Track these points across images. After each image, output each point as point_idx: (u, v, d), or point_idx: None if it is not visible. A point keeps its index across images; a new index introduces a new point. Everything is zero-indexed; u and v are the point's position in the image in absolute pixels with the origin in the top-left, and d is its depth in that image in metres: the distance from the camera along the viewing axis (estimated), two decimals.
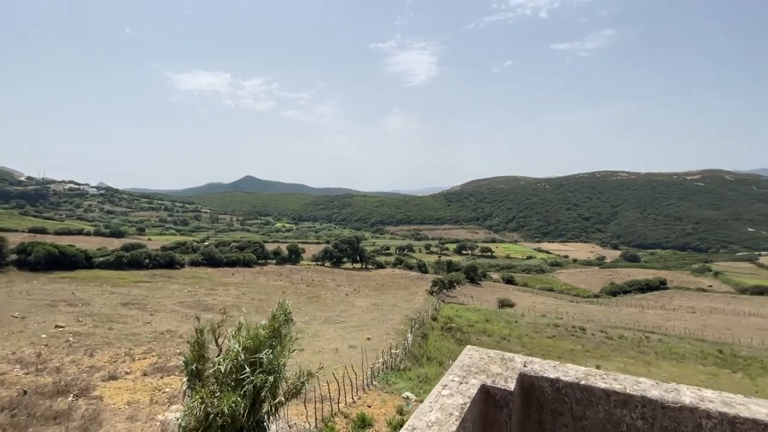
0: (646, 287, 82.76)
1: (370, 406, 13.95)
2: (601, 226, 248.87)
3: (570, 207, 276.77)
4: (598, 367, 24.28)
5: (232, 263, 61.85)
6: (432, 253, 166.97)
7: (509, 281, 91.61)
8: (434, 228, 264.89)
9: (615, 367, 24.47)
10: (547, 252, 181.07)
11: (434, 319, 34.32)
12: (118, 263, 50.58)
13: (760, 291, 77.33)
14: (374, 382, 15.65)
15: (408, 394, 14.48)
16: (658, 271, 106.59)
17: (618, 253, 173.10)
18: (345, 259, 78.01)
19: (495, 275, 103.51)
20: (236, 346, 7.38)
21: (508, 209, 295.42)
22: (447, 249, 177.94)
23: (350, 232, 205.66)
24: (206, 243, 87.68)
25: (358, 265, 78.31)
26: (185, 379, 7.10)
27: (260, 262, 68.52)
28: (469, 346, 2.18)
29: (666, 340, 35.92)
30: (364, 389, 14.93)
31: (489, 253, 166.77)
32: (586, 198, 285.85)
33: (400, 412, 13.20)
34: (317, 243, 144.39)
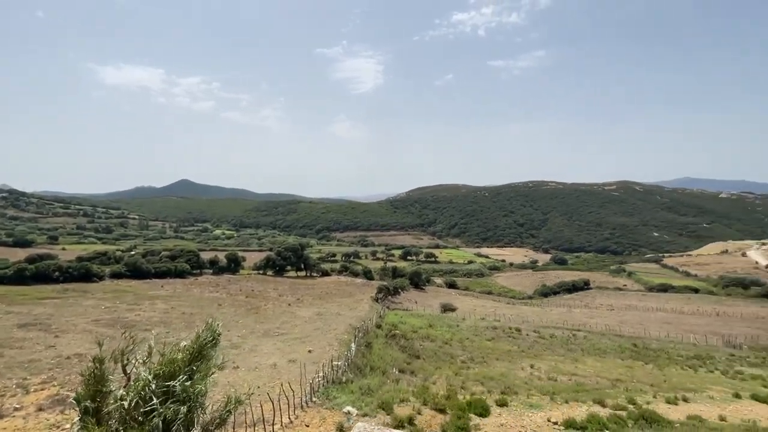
0: (572, 288, 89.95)
1: (308, 425, 13.23)
2: (533, 231, 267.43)
3: (506, 214, 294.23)
4: (532, 367, 25.61)
5: (162, 274, 56.88)
6: (378, 259, 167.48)
7: (452, 285, 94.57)
8: (381, 234, 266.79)
9: (547, 365, 25.95)
10: (487, 257, 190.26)
11: (378, 326, 34.11)
12: (19, 277, 44.07)
13: (664, 288, 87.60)
14: (314, 399, 14.93)
15: (349, 408, 13.98)
16: (582, 272, 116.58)
17: (548, 256, 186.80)
18: (289, 267, 75.40)
19: (438, 280, 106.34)
20: (146, 374, 6.46)
21: (450, 216, 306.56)
22: (393, 255, 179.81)
23: (295, 238, 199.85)
24: (132, 252, 79.92)
25: (303, 273, 76.12)
26: (76, 419, 6.01)
27: (195, 272, 63.82)
28: (360, 425, 1.86)
29: (590, 337, 39.07)
30: (302, 407, 14.16)
31: (433, 259, 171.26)
32: (521, 206, 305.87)
33: (340, 429, 12.67)
34: (260, 250, 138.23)
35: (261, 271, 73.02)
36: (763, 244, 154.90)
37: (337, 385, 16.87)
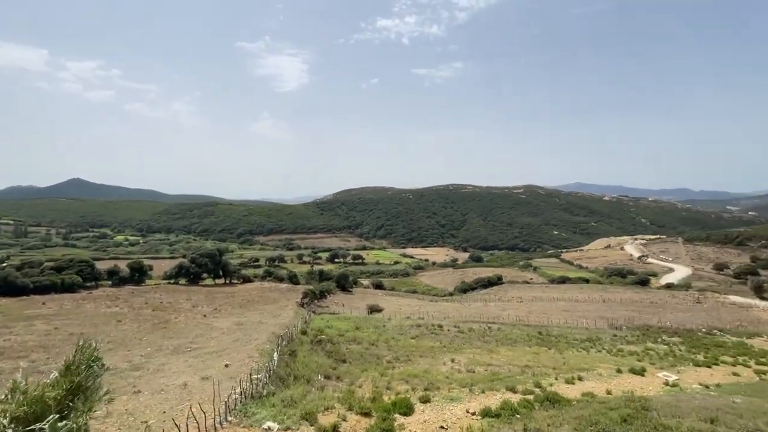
0: (488, 283, 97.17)
1: None
2: (454, 231, 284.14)
3: (430, 215, 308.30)
4: (452, 361, 26.91)
5: (45, 289, 48.44)
6: (305, 263, 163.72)
7: (378, 286, 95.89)
8: (307, 237, 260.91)
9: (466, 358, 27.52)
10: (412, 257, 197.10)
11: (304, 332, 33.06)
12: None
13: (562, 280, 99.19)
14: (229, 418, 13.78)
15: (269, 424, 13.17)
16: (496, 268, 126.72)
17: (467, 255, 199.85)
18: (205, 275, 69.61)
19: (365, 281, 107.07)
20: (1, 418, 5.27)
21: (377, 218, 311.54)
22: (320, 258, 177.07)
23: (213, 243, 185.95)
24: (3, 265, 67.08)
25: (222, 281, 70.88)
26: None
27: (89, 285, 55.54)
28: None
29: (503, 329, 42.48)
30: (215, 429, 12.98)
31: (360, 260, 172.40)
32: (443, 207, 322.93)
33: None
34: (171, 258, 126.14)
35: (172, 281, 66.31)
36: (635, 239, 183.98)
37: (256, 400, 15.83)
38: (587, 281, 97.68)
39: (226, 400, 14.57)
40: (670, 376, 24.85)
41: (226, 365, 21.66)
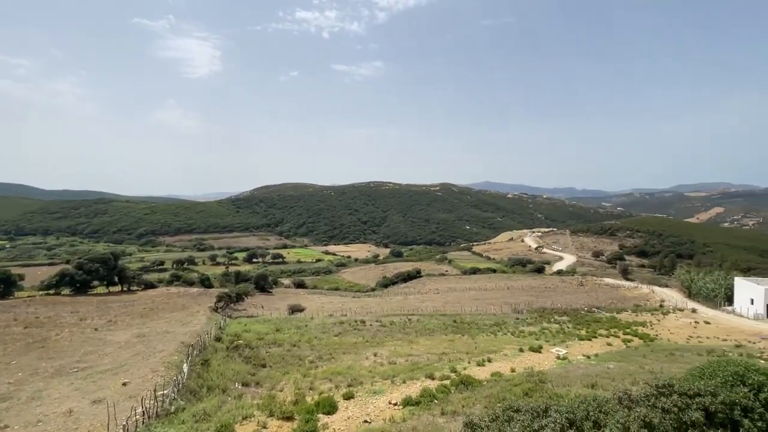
0: (408, 277, 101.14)
1: None
2: (375, 228, 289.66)
3: (351, 212, 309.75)
4: (375, 355, 27.50)
5: None
6: (219, 264, 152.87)
7: (300, 285, 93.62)
8: (221, 237, 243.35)
9: (388, 351, 28.35)
10: (334, 254, 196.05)
11: (218, 339, 30.85)
12: None
13: (474, 271, 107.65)
14: None
15: None
16: (415, 263, 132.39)
17: (388, 250, 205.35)
18: (96, 283, 60.80)
19: (286, 281, 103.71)
20: None
21: (298, 215, 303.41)
22: (236, 259, 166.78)
23: (106, 246, 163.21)
24: None
25: (118, 288, 62.59)
26: None
27: None
28: None
29: (422, 320, 44.64)
30: None
31: (281, 259, 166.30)
32: (364, 204, 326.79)
33: None
34: (51, 264, 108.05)
35: (52, 291, 56.63)
36: (533, 232, 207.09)
37: (163, 419, 14.35)
38: (494, 271, 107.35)
39: (124, 423, 12.96)
40: (560, 350, 28.59)
41: (124, 384, 19.23)
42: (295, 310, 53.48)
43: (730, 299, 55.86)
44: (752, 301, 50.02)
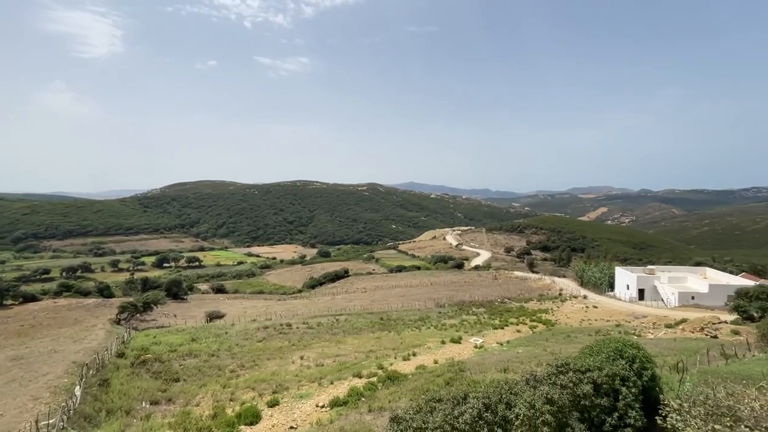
0: (335, 277, 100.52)
1: None
2: (302, 228, 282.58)
3: (277, 212, 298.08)
4: (302, 358, 26.85)
5: None
6: (122, 270, 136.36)
7: (220, 290, 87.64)
8: (125, 239, 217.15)
9: (315, 353, 27.88)
10: (257, 255, 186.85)
11: (121, 355, 27.45)
12: None
13: (399, 269, 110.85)
14: None
15: None
16: (343, 262, 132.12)
17: (315, 250, 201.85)
18: None
19: (204, 286, 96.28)
20: None
21: (217, 215, 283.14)
22: (144, 264, 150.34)
23: None
24: None
25: None
26: None
27: None
28: None
29: (350, 319, 44.72)
30: None
31: (197, 263, 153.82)
32: (290, 204, 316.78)
33: None
34: None
35: None
36: (454, 230, 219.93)
37: None
38: (419, 268, 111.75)
39: None
40: (478, 340, 30.84)
41: None
42: (213, 317, 49.90)
43: (612, 286, 65.45)
44: (628, 287, 59.26)
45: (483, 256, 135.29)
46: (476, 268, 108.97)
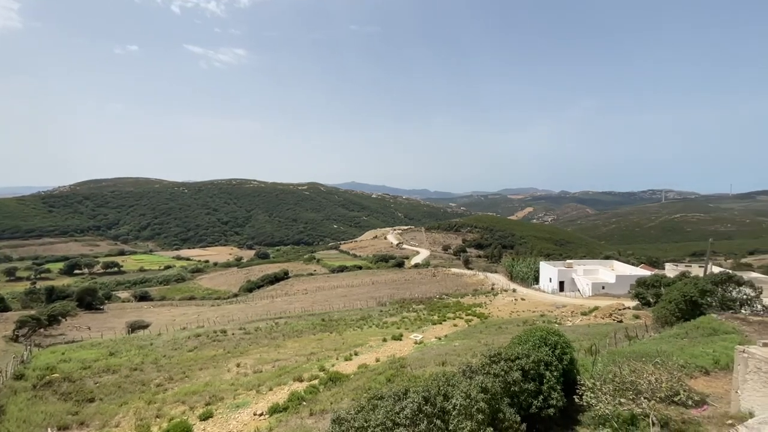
0: (275, 279, 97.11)
1: None
2: (238, 229, 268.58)
3: (210, 212, 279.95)
4: (238, 366, 25.53)
5: None
6: (20, 279, 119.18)
7: (143, 298, 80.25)
8: (24, 243, 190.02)
9: (253, 359, 26.66)
10: (188, 259, 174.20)
11: (20, 377, 23.87)
12: None
13: (341, 269, 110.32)
14: None
15: None
16: (282, 264, 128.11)
17: (253, 252, 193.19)
18: None
19: (124, 294, 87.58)
20: None
21: (140, 215, 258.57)
22: (49, 271, 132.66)
23: None
24: None
25: None
26: None
27: None
28: None
29: (290, 322, 43.48)
30: None
31: (116, 269, 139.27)
32: (225, 203, 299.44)
33: None
34: None
35: None
36: (395, 230, 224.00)
37: None
38: (360, 268, 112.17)
39: None
40: (418, 336, 31.77)
41: None
42: (136, 327, 45.57)
43: (537, 279, 71.28)
44: (550, 280, 64.98)
45: (422, 254, 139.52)
46: (416, 266, 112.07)
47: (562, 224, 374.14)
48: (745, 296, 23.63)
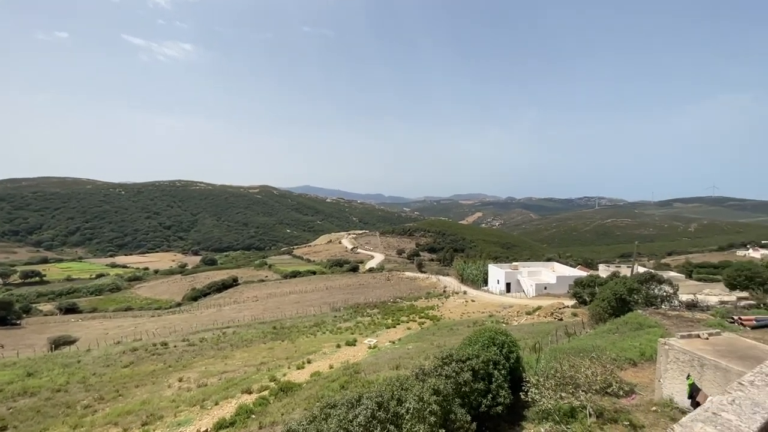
0: (222, 286, 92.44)
1: None
2: (182, 233, 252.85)
3: (150, 215, 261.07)
4: (180, 380, 23.85)
5: None
6: None
7: (71, 310, 72.82)
8: None
9: (197, 373, 25.05)
10: (124, 266, 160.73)
11: None
12: None
13: (294, 275, 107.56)
14: None
15: None
16: (231, 270, 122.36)
17: (199, 258, 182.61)
18: None
19: (47, 306, 78.90)
20: None
21: (68, 219, 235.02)
22: None
23: None
24: None
25: None
26: None
27: None
28: None
29: (239, 331, 41.51)
30: None
31: (37, 278, 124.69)
32: (167, 206, 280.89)
33: None
34: None
35: None
36: (349, 234, 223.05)
37: None
38: (314, 273, 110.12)
39: None
40: (372, 340, 31.71)
41: None
42: (61, 343, 41.18)
43: (486, 281, 74.31)
44: (498, 281, 68.04)
45: (377, 258, 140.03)
46: (371, 270, 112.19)
47: (509, 228, 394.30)
48: (665, 293, 26.30)
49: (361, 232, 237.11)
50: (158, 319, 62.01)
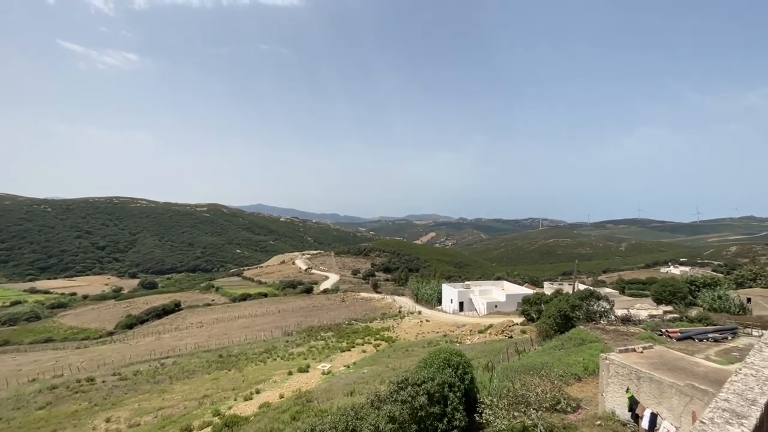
0: (162, 312, 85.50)
1: None
2: (119, 255, 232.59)
3: (81, 235, 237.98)
4: (108, 420, 21.30)
5: None
6: None
7: None
8: None
9: (129, 411, 22.51)
10: (47, 291, 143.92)
11: None
12: None
13: (243, 297, 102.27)
14: None
15: None
16: (173, 294, 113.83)
17: (137, 281, 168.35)
18: None
19: None
20: None
21: None
22: None
23: None
24: None
25: None
26: None
27: None
28: None
29: (179, 361, 38.26)
30: None
31: None
32: (102, 225, 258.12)
33: None
34: None
35: None
36: (303, 254, 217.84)
37: None
38: (266, 295, 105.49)
39: None
40: (325, 365, 30.60)
41: None
42: None
43: (440, 300, 75.38)
44: (452, 301, 69.28)
45: (332, 279, 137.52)
46: (325, 291, 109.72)
47: (461, 248, 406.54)
48: (602, 309, 28.17)
49: (315, 252, 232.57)
50: (84, 351, 55.67)
